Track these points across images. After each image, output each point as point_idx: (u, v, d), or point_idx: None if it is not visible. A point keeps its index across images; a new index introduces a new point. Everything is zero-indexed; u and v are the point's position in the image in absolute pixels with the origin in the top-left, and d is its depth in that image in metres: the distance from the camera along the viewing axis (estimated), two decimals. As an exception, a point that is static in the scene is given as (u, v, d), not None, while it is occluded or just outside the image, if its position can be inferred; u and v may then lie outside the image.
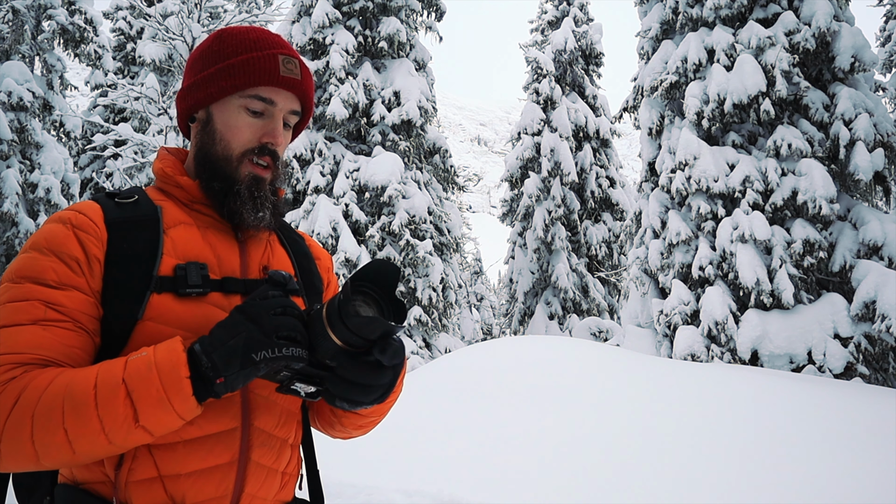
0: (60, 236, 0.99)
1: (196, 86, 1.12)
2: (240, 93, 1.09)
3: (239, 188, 1.08)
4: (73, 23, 14.88)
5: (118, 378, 0.86)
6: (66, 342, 0.93)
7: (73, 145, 16.56)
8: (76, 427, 0.85)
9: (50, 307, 0.93)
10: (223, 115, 1.09)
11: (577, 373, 5.90)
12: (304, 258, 1.24)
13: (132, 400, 0.85)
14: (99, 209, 1.04)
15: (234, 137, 1.09)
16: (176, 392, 0.86)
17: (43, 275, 0.95)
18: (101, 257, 0.99)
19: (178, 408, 0.87)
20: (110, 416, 0.85)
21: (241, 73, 1.08)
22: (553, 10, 21.62)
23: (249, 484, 1.03)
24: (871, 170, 9.07)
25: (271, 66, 1.08)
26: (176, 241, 1.05)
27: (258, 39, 1.11)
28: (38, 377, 0.88)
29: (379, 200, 14.34)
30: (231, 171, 1.09)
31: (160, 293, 0.99)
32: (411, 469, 4.32)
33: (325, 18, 14.91)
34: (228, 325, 0.90)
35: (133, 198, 1.08)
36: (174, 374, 0.86)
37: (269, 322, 0.88)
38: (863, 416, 4.75)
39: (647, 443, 4.45)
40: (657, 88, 11.00)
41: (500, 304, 36.15)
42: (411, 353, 13.60)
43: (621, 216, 18.98)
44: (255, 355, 0.87)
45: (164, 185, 1.13)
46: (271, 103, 1.09)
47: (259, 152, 1.09)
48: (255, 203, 1.09)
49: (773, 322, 9.10)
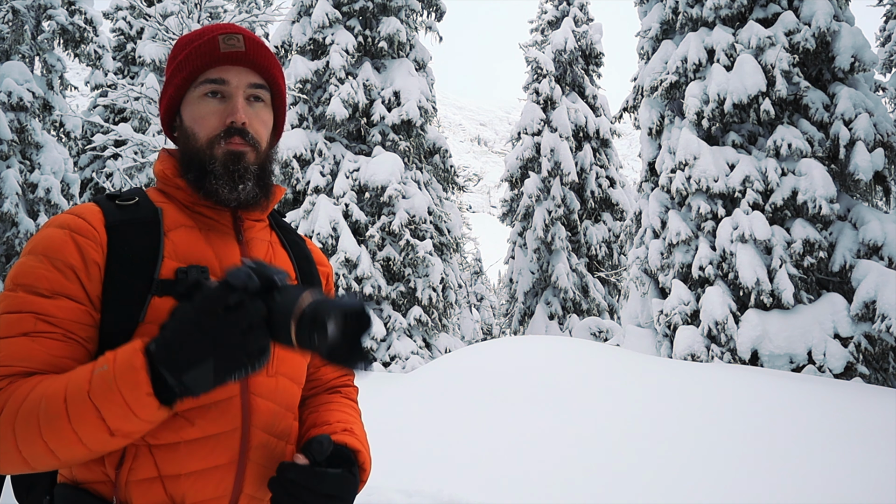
0: (57, 242, 0.99)
1: (163, 95, 1.15)
2: (193, 84, 1.10)
3: (213, 166, 1.07)
4: (73, 23, 14.88)
5: (84, 393, 0.86)
6: (54, 352, 0.93)
7: (73, 145, 16.56)
8: (54, 439, 0.86)
9: (40, 318, 0.94)
10: (188, 110, 1.11)
11: (577, 373, 5.90)
12: (305, 261, 1.24)
13: (101, 415, 0.85)
14: (99, 212, 1.03)
15: (200, 127, 1.09)
16: (141, 407, 0.85)
17: (36, 283, 0.96)
18: (100, 262, 0.99)
19: (147, 418, 0.86)
20: (84, 429, 0.85)
21: (186, 65, 1.10)
22: (553, 10, 21.62)
23: (248, 484, 1.03)
24: (871, 170, 9.07)
25: (211, 47, 1.09)
26: (177, 244, 1.04)
27: (202, 31, 1.13)
28: (20, 388, 0.89)
29: (379, 200, 14.34)
30: (205, 157, 1.08)
31: (161, 296, 0.99)
32: (411, 469, 4.32)
33: (325, 18, 14.91)
34: (190, 343, 0.84)
35: (134, 199, 1.08)
36: (136, 391, 0.85)
37: (240, 343, 0.84)
38: (863, 416, 4.75)
39: (647, 443, 4.45)
40: (657, 88, 11.00)
41: (500, 304, 36.16)
42: (411, 353, 13.61)
43: (621, 216, 18.98)
44: (230, 376, 0.85)
45: (165, 187, 1.13)
46: (223, 82, 1.09)
47: (226, 134, 1.08)
48: (233, 177, 1.07)
49: (773, 322, 9.09)
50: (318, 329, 0.84)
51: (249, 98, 1.11)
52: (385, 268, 14.49)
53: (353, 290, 13.66)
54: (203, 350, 0.83)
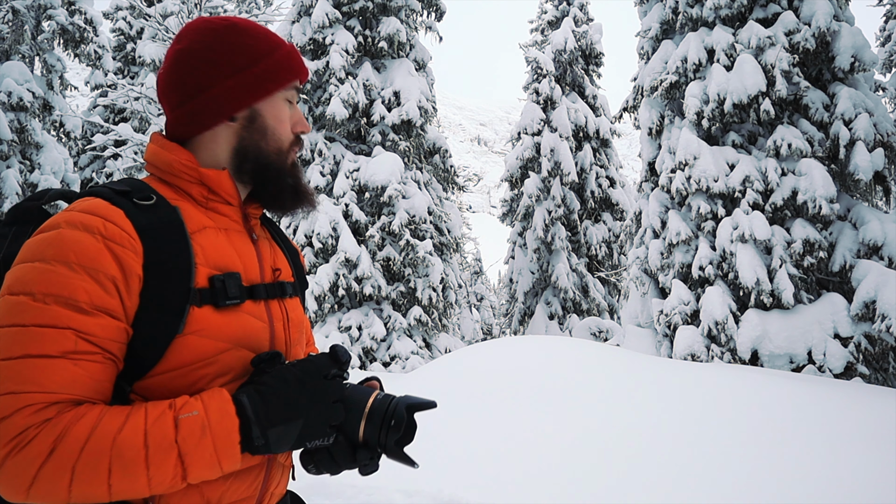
0: (92, 250, 0.88)
1: (240, 87, 1.06)
2: (287, 86, 1.12)
3: (285, 176, 1.11)
4: (73, 23, 14.88)
5: (170, 439, 0.84)
6: (97, 377, 0.88)
7: (73, 145, 16.56)
8: (122, 483, 0.83)
9: (81, 337, 0.86)
10: (273, 110, 1.10)
11: (577, 373, 5.90)
12: (295, 255, 1.25)
13: (183, 463, 0.85)
14: (123, 215, 0.93)
15: (283, 130, 1.11)
16: (227, 457, 0.87)
17: (74, 296, 0.86)
18: (139, 272, 0.91)
19: (227, 468, 0.89)
20: (159, 476, 0.84)
21: (285, 69, 1.10)
22: (553, 10, 21.62)
23: (271, 482, 1.07)
24: (871, 170, 9.07)
25: (299, 59, 1.13)
26: (205, 248, 1.00)
27: (276, 37, 1.15)
28: (78, 424, 0.83)
29: (379, 200, 14.34)
30: (283, 162, 1.11)
31: (200, 306, 0.95)
32: (411, 469, 4.31)
33: (325, 18, 14.91)
34: (287, 400, 0.90)
35: (151, 199, 0.99)
36: (228, 440, 0.87)
37: (328, 412, 0.91)
38: (863, 416, 4.75)
39: (647, 443, 4.46)
40: (657, 88, 11.00)
41: (500, 304, 36.16)
42: (411, 353, 13.61)
43: (621, 216, 18.98)
44: (309, 443, 0.91)
45: (178, 181, 1.04)
46: (299, 93, 1.13)
47: (295, 142, 1.13)
48: (297, 188, 1.13)
49: (773, 322, 9.10)
50: (389, 427, 0.94)
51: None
52: (385, 268, 14.49)
53: (352, 290, 13.70)
54: (298, 408, 0.89)
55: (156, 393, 0.94)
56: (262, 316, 1.04)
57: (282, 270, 1.14)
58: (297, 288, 1.18)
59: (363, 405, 0.95)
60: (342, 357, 0.94)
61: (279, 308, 1.09)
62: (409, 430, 0.99)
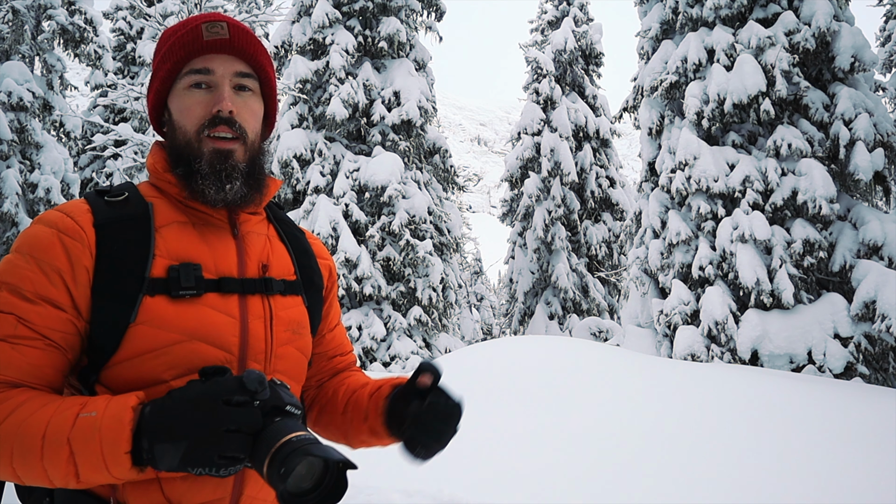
0: (45, 242, 0.95)
1: (149, 90, 1.12)
2: (178, 75, 1.07)
3: (200, 165, 1.03)
4: (73, 23, 14.87)
5: (65, 435, 0.84)
6: (34, 362, 0.91)
7: (73, 145, 16.56)
8: (23, 470, 0.86)
9: (21, 322, 0.91)
10: (175, 102, 1.08)
11: (577, 373, 5.90)
12: (304, 255, 1.20)
13: (75, 461, 0.84)
14: (87, 210, 0.99)
15: (187, 119, 1.06)
16: (115, 464, 0.84)
17: (20, 284, 0.93)
18: (88, 265, 0.95)
19: (116, 475, 0.86)
20: (53, 469, 0.85)
21: (171, 56, 1.07)
22: (553, 10, 21.61)
23: (248, 486, 1.02)
24: (871, 170, 9.08)
25: (194, 36, 1.06)
26: (168, 241, 1.01)
27: (186, 21, 1.10)
28: (1, 405, 0.87)
29: (379, 200, 14.34)
30: (193, 151, 1.04)
31: (153, 296, 0.96)
32: (411, 469, 4.31)
33: (325, 18, 14.91)
34: (178, 418, 0.83)
35: (123, 195, 1.03)
36: (115, 447, 0.84)
37: (215, 440, 0.82)
38: (863, 416, 4.75)
39: (647, 443, 4.45)
40: (657, 88, 11.00)
41: (500, 304, 36.15)
42: (411, 353, 13.61)
43: (621, 216, 18.98)
44: (191, 468, 0.83)
45: (157, 181, 1.09)
46: (208, 72, 1.06)
47: (210, 124, 1.04)
48: (219, 176, 1.03)
49: (773, 322, 9.10)
50: (281, 471, 0.80)
51: (236, 87, 1.08)
52: (385, 268, 14.49)
53: (352, 290, 13.69)
54: (185, 429, 0.82)
55: (114, 384, 0.95)
56: (232, 311, 1.01)
57: (273, 267, 1.10)
58: (297, 287, 1.14)
59: (273, 444, 0.83)
60: (249, 386, 0.84)
61: (261, 304, 1.06)
62: (333, 491, 0.85)
